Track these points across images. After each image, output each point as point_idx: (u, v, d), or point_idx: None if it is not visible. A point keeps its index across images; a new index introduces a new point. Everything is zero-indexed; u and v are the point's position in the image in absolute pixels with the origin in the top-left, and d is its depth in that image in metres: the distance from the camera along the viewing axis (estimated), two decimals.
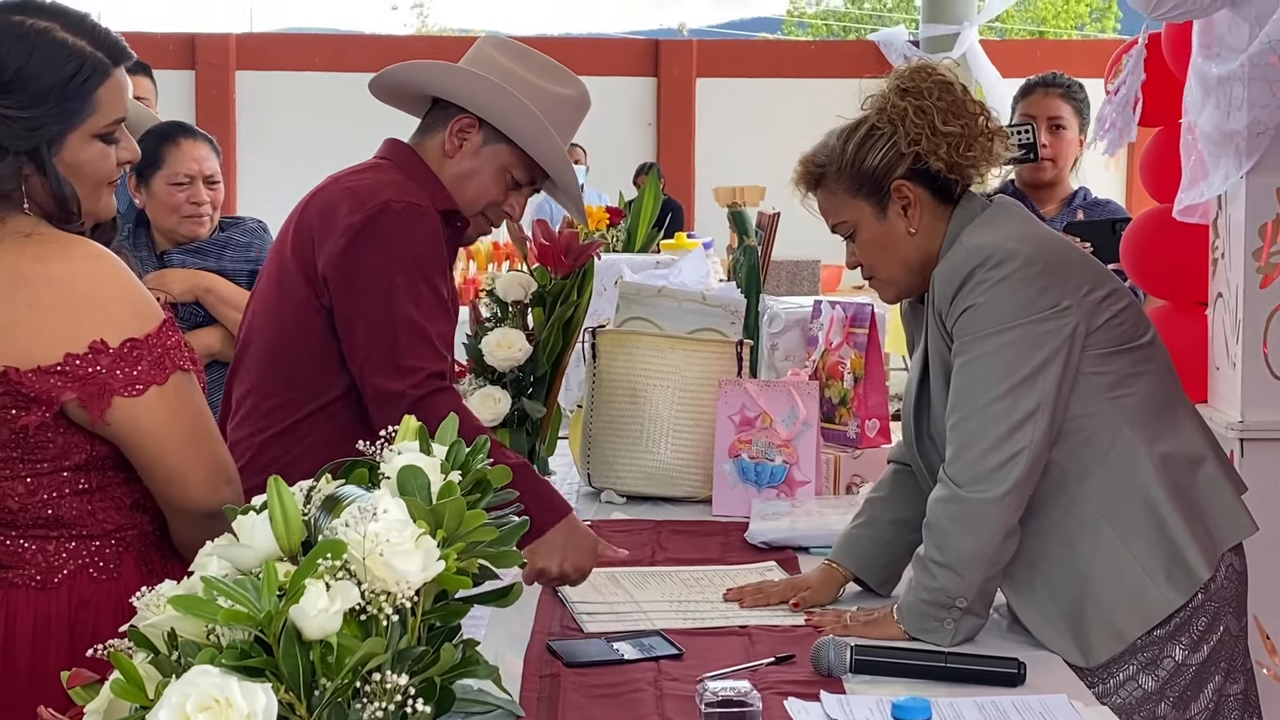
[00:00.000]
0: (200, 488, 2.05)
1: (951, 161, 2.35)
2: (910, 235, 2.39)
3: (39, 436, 1.97)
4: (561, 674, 2.21)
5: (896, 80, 2.38)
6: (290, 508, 1.45)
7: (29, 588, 2.03)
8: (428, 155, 2.63)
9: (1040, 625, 2.34)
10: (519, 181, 2.64)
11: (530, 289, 3.28)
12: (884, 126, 2.37)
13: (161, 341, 2.00)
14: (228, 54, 14.10)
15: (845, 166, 2.40)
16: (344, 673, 1.29)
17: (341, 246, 2.49)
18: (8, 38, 1.96)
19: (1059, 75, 4.29)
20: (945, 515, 2.29)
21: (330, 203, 2.56)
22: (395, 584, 1.33)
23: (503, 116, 2.57)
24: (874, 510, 2.63)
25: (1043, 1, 34.05)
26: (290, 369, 2.57)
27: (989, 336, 2.28)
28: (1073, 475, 2.33)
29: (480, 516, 1.48)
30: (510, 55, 2.65)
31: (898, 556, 2.60)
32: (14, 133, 1.95)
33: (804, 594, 2.54)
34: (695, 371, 3.38)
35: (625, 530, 3.12)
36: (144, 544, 2.11)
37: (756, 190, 4.81)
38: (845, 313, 3.49)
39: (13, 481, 2.00)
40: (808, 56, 14.88)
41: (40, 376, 1.93)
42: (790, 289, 7.53)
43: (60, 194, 1.99)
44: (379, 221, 2.47)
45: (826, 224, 2.49)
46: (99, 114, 2.02)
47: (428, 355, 2.48)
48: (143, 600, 1.44)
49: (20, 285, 1.95)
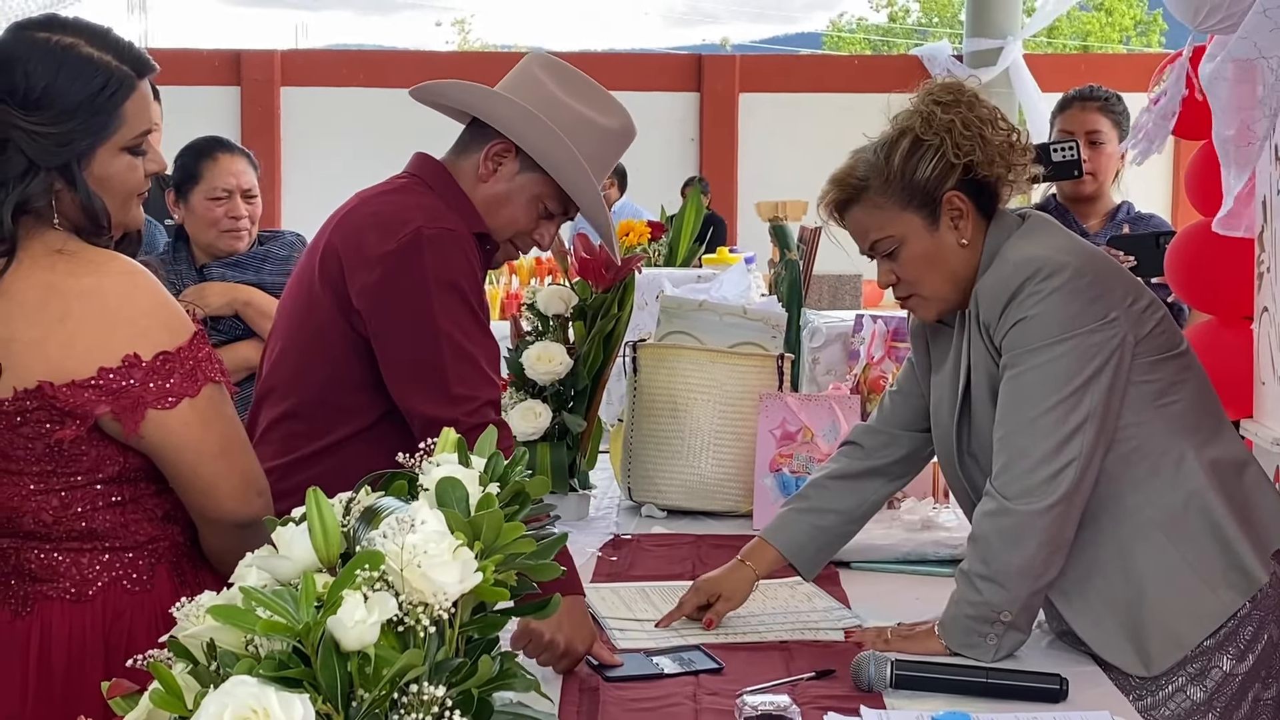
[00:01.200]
0: (233, 498, 2.06)
1: (999, 172, 2.34)
2: (961, 247, 2.37)
3: (73, 450, 1.99)
4: (601, 687, 2.21)
5: (931, 95, 2.36)
6: (329, 519, 1.45)
7: (64, 600, 2.05)
8: (460, 174, 2.57)
9: (1097, 637, 2.32)
10: (551, 212, 2.59)
11: (571, 303, 3.28)
12: (931, 138, 2.34)
13: (193, 354, 2.01)
14: (273, 70, 14.21)
15: (894, 179, 2.36)
16: (382, 684, 1.29)
17: (377, 277, 2.43)
18: (35, 54, 1.98)
19: (1096, 88, 4.25)
20: (992, 528, 2.28)
21: (358, 229, 2.50)
22: (433, 595, 1.33)
23: (540, 149, 2.52)
24: (819, 497, 2.63)
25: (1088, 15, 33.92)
26: (321, 394, 2.52)
27: (1041, 349, 2.27)
28: (1125, 484, 2.32)
29: (518, 528, 1.48)
30: (557, 79, 2.59)
31: (830, 545, 2.63)
32: (44, 148, 1.96)
33: (718, 605, 2.51)
34: (736, 385, 3.37)
35: (666, 544, 3.12)
36: (176, 555, 2.12)
37: (799, 205, 4.79)
38: (887, 326, 3.47)
39: (47, 495, 2.02)
40: (850, 71, 14.88)
41: (74, 390, 1.95)
42: (832, 303, 7.50)
43: (90, 208, 2.00)
44: (413, 249, 2.42)
45: (862, 242, 2.44)
46: (126, 127, 2.03)
47: (479, 382, 2.42)
48: (182, 611, 1.45)
49: (53, 300, 1.96)
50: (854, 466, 2.63)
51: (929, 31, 32.44)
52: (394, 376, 2.46)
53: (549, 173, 2.53)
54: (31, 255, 1.98)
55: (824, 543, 2.61)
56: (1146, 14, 36.12)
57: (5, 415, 1.97)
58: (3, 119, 1.96)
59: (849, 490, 2.62)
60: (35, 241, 1.99)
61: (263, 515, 2.03)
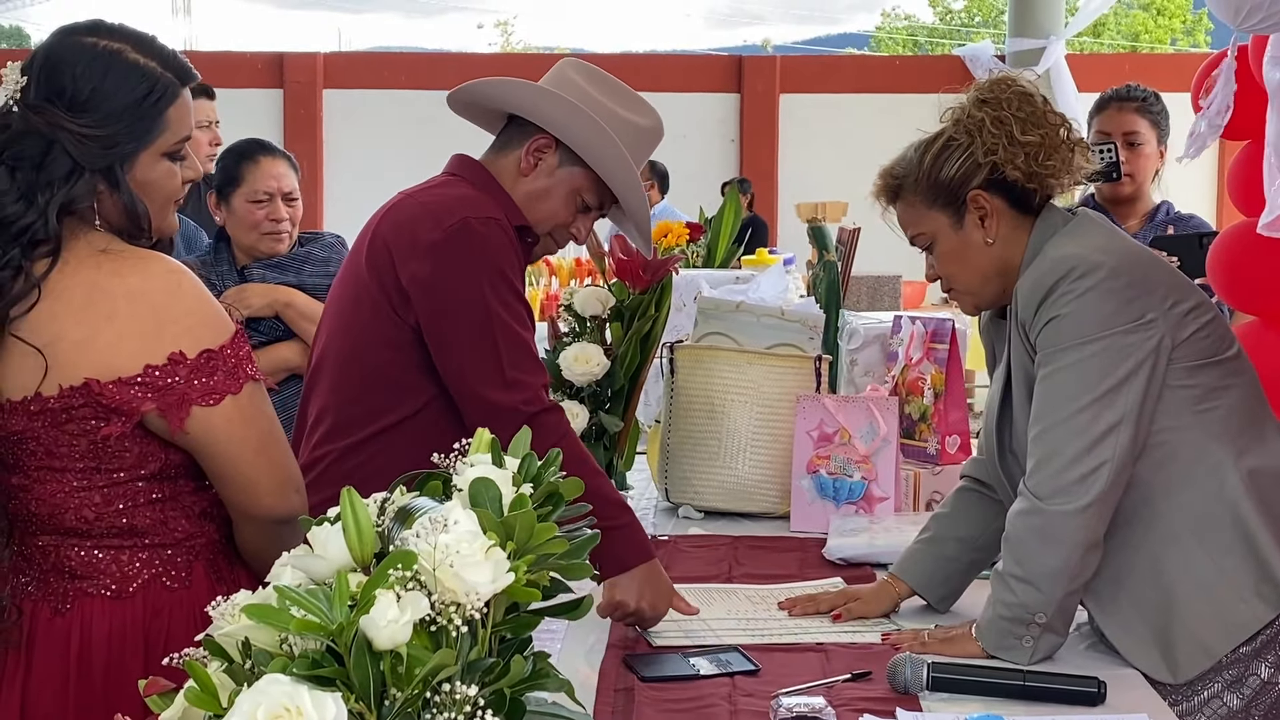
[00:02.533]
0: (271, 495, 2.09)
1: (1029, 171, 2.33)
2: (987, 246, 2.38)
3: (117, 446, 2.02)
4: (636, 688, 2.21)
5: (976, 91, 2.38)
6: (363, 519, 1.46)
7: (104, 598, 2.07)
8: (500, 172, 2.62)
9: (1126, 641, 2.31)
10: (589, 205, 2.64)
11: (608, 304, 3.29)
12: (960, 137, 2.36)
13: (235, 352, 2.05)
14: (315, 73, 14.28)
15: (922, 178, 2.40)
16: (414, 683, 1.29)
17: (428, 266, 2.48)
18: (83, 59, 2.02)
19: (1134, 88, 4.20)
20: (1026, 528, 2.27)
21: (406, 220, 2.55)
22: (465, 595, 1.33)
23: (581, 140, 2.57)
24: (939, 527, 2.62)
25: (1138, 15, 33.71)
26: (368, 384, 2.57)
27: (1073, 348, 2.25)
28: (1159, 489, 2.30)
29: (551, 529, 1.48)
30: (590, 80, 2.65)
31: (959, 574, 2.59)
32: (90, 151, 2.00)
33: (852, 605, 2.54)
34: (773, 387, 3.37)
35: (702, 545, 3.12)
36: (212, 552, 2.15)
37: (838, 205, 4.78)
38: (926, 328, 3.46)
39: (89, 492, 2.05)
40: (891, 72, 14.82)
41: (120, 388, 1.98)
42: (871, 304, 7.49)
43: (133, 210, 2.04)
44: (462, 237, 2.47)
45: (905, 236, 2.48)
46: (169, 133, 2.07)
47: (532, 368, 2.50)
48: (218, 610, 1.46)
49: (99, 299, 1.99)
50: (970, 496, 2.62)
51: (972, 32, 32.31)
52: (450, 363, 2.51)
53: (591, 165, 2.59)
54: (76, 255, 2.01)
55: (951, 572, 2.59)
56: (1192, 14, 35.86)
57: (51, 413, 2.00)
58: (50, 120, 1.99)
59: (968, 519, 2.59)
60: (79, 242, 2.02)
61: (300, 512, 2.08)
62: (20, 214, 1.98)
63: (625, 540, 2.44)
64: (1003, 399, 2.43)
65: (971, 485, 2.61)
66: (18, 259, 1.98)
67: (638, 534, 2.51)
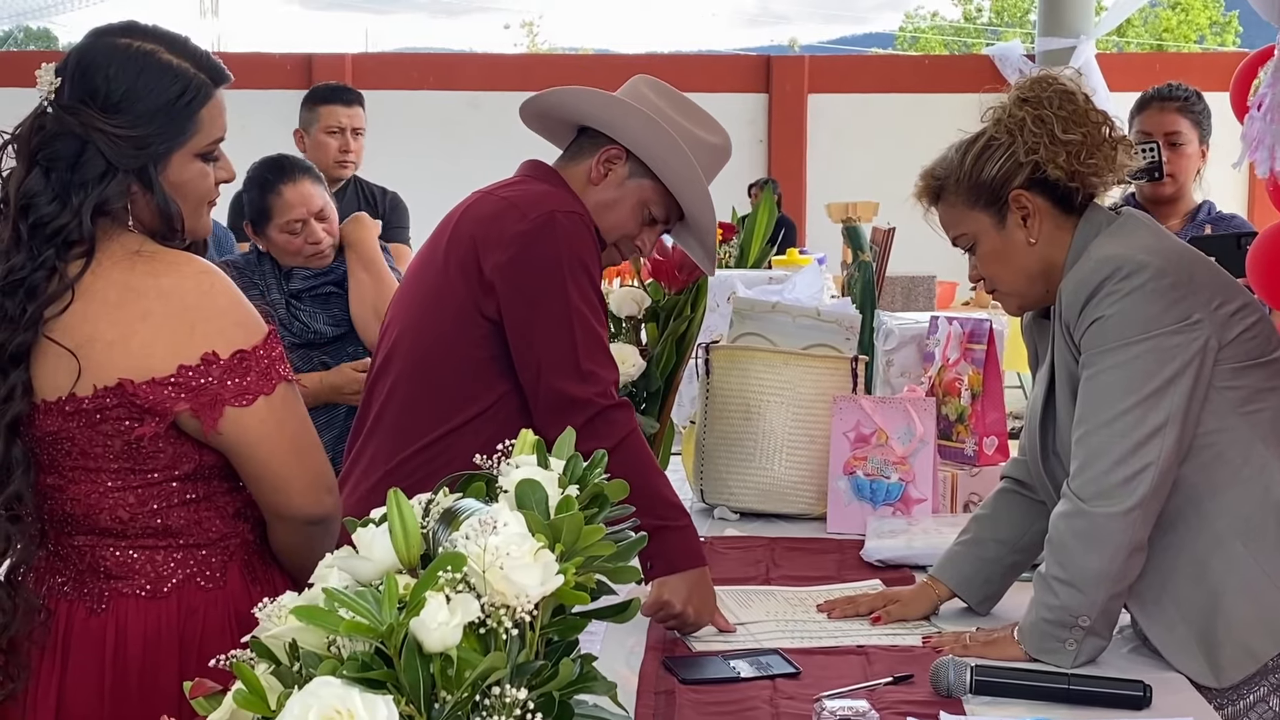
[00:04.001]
0: (304, 495, 2.10)
1: (1071, 170, 2.31)
2: (1030, 245, 2.36)
3: (151, 447, 2.02)
4: (676, 690, 2.20)
5: (1017, 90, 2.36)
6: (409, 520, 1.46)
7: (139, 597, 2.08)
8: (571, 179, 2.65)
9: (1169, 644, 2.29)
10: (655, 218, 2.67)
11: (644, 304, 3.28)
12: (1001, 136, 2.35)
13: (268, 353, 2.05)
14: (344, 74, 14.28)
15: (963, 178, 2.38)
16: (464, 686, 1.29)
17: (512, 255, 2.50)
18: (116, 59, 2.03)
19: (1175, 88, 4.16)
20: (1069, 531, 2.25)
21: (491, 214, 2.57)
22: (514, 598, 1.33)
23: (654, 152, 2.60)
24: (979, 528, 2.60)
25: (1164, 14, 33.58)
26: (439, 382, 2.57)
27: (1118, 349, 2.24)
28: (1204, 491, 2.28)
29: (598, 531, 1.47)
30: (662, 96, 2.68)
31: (999, 576, 2.57)
32: (123, 151, 2.01)
33: (892, 607, 2.53)
34: (809, 387, 3.36)
35: (739, 547, 3.10)
36: (247, 552, 2.15)
37: (870, 206, 4.76)
38: (963, 328, 3.44)
39: (124, 492, 2.05)
40: (921, 71, 14.77)
41: (154, 388, 1.98)
42: (905, 304, 7.46)
43: (166, 211, 2.05)
44: (549, 228, 2.50)
45: (948, 237, 2.47)
46: (201, 133, 2.08)
47: (606, 362, 2.51)
48: (264, 611, 1.45)
49: (133, 299, 2.00)
50: (1011, 497, 2.59)
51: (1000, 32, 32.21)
52: (526, 350, 2.51)
53: (661, 178, 2.62)
54: (110, 256, 2.02)
55: (991, 574, 2.57)
56: (1222, 14, 35.70)
57: (85, 413, 2.00)
58: (84, 121, 2.00)
59: (1008, 520, 2.57)
60: (113, 243, 2.03)
61: (332, 512, 2.11)
62: (55, 214, 1.99)
63: (679, 542, 2.45)
64: (1046, 399, 2.41)
65: (1012, 486, 2.59)
66: (52, 259, 1.99)
67: (691, 538, 2.51)
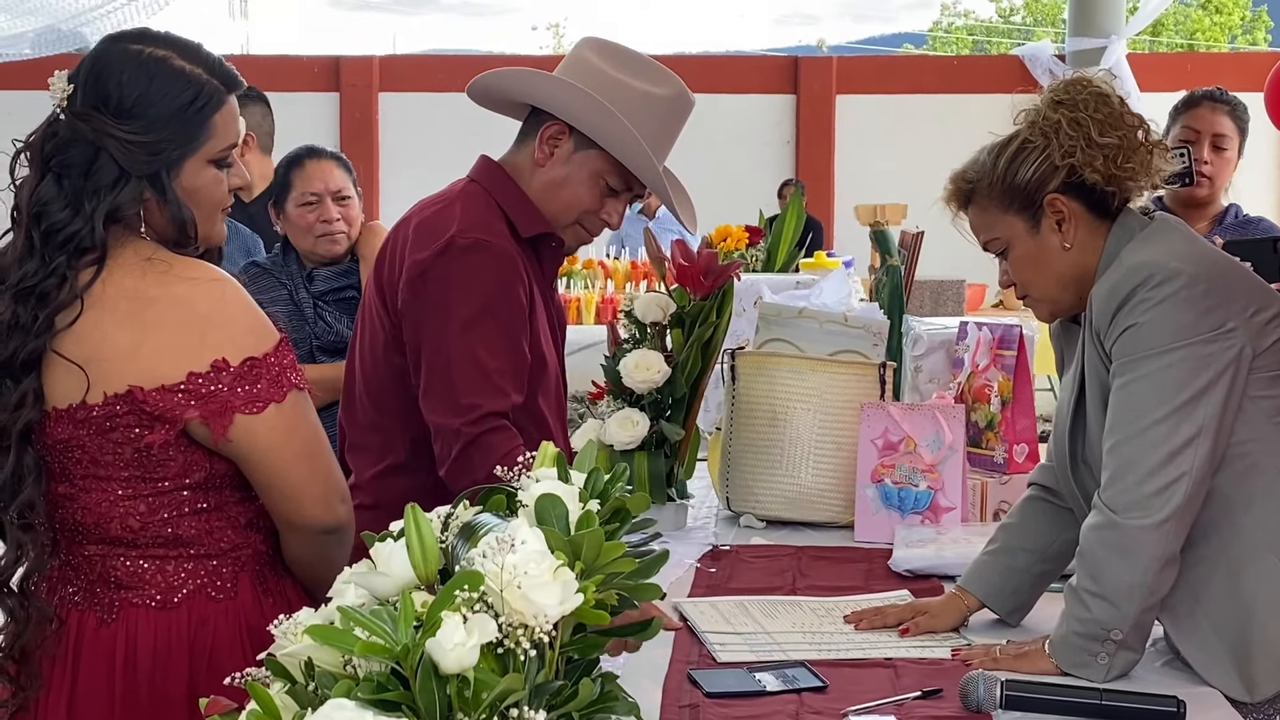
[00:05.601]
0: (317, 504, 2.09)
1: (1109, 174, 2.27)
2: (1065, 250, 2.32)
3: (161, 455, 2.02)
4: (701, 704, 2.16)
5: (1051, 93, 2.32)
6: (428, 536, 1.43)
7: (149, 608, 2.07)
8: (519, 168, 2.61)
9: (1201, 658, 2.25)
10: (614, 189, 2.61)
11: (669, 310, 3.25)
12: (1036, 140, 2.30)
13: (279, 360, 2.04)
14: (371, 76, 14.33)
15: (996, 182, 2.34)
16: (481, 708, 1.26)
17: (407, 282, 2.52)
18: (128, 65, 2.03)
19: (1224, 92, 4.12)
20: (1100, 543, 2.21)
21: (403, 240, 2.59)
22: (533, 617, 1.30)
23: (588, 120, 2.55)
24: (1007, 537, 2.56)
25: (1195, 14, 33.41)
26: (389, 404, 2.59)
27: (1150, 358, 2.19)
28: (1238, 503, 2.23)
29: (619, 547, 1.44)
30: (604, 57, 2.62)
31: (1028, 585, 2.53)
32: (135, 157, 2.01)
33: (920, 619, 2.49)
34: (837, 394, 3.32)
35: (765, 555, 3.07)
36: (258, 563, 2.14)
37: (898, 208, 4.72)
38: (993, 334, 3.40)
39: (134, 501, 2.05)
40: (950, 72, 14.71)
41: (164, 395, 1.98)
42: (934, 310, 7.40)
43: (179, 217, 2.05)
44: (443, 258, 2.49)
45: (978, 242, 2.43)
46: (215, 139, 2.08)
47: (486, 392, 2.49)
48: (280, 628, 1.43)
49: (144, 307, 2.00)
50: (1039, 505, 2.55)
51: (1030, 32, 32.08)
52: (416, 381, 2.54)
53: (601, 144, 2.56)
54: (122, 264, 2.02)
55: (1020, 584, 2.52)
56: (1251, 11, 35.49)
57: (95, 421, 2.00)
58: (97, 127, 2.00)
59: (1036, 529, 2.53)
60: (125, 250, 2.03)
61: (345, 522, 2.10)
62: (67, 221, 1.99)
63: None
64: (1075, 408, 2.37)
65: (1039, 494, 2.55)
66: (63, 267, 1.99)
67: None
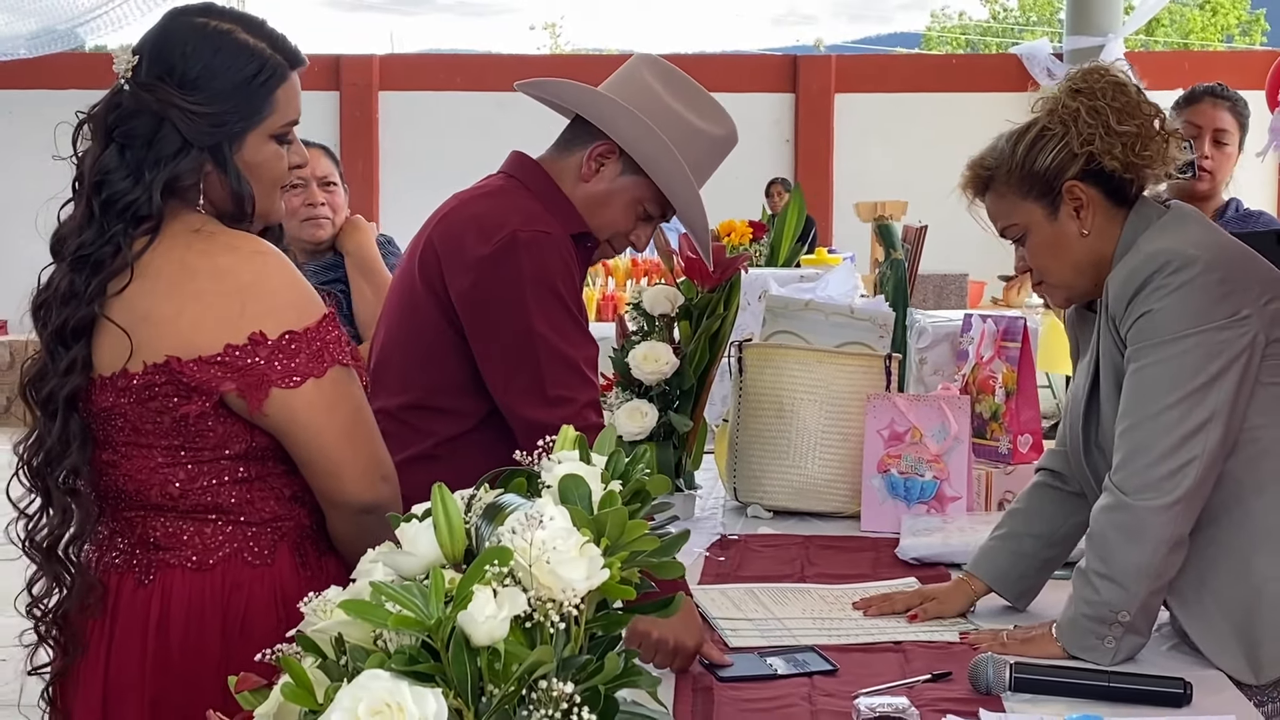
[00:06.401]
0: (357, 482, 2.07)
1: (1127, 161, 2.30)
2: (1083, 237, 2.34)
3: (199, 425, 2.01)
4: (714, 687, 2.19)
5: (1069, 82, 2.35)
6: (454, 515, 1.46)
7: (185, 569, 2.06)
8: (561, 173, 2.59)
9: (1208, 640, 2.27)
10: (650, 214, 2.62)
11: (677, 302, 3.27)
12: (1055, 127, 2.33)
13: (321, 335, 2.03)
14: (371, 75, 14.34)
15: (1015, 168, 2.36)
16: (512, 679, 1.29)
17: (472, 281, 2.46)
18: (193, 37, 2.04)
19: (1225, 88, 4.15)
20: (1110, 524, 2.23)
21: (456, 232, 2.53)
22: (561, 592, 1.33)
23: (644, 153, 2.54)
24: (1014, 523, 2.59)
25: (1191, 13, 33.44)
26: (428, 394, 2.55)
27: (1165, 344, 2.22)
28: (1249, 487, 2.26)
29: (642, 526, 1.47)
30: (663, 81, 2.60)
31: (1035, 570, 2.56)
32: (198, 128, 2.01)
33: (928, 604, 2.52)
34: (843, 385, 3.35)
35: (773, 545, 3.10)
36: (300, 536, 2.13)
37: (898, 204, 4.77)
38: (997, 326, 3.43)
39: (174, 468, 2.04)
40: (948, 70, 14.74)
41: (201, 366, 1.98)
42: (937, 303, 7.43)
43: (239, 192, 2.05)
44: (509, 252, 2.44)
45: (995, 229, 2.45)
46: (276, 114, 2.08)
47: (578, 384, 2.46)
48: (309, 605, 1.45)
49: (186, 278, 2.00)
50: (1046, 491, 2.58)
51: (1027, 30, 32.09)
52: (494, 380, 2.49)
53: (651, 177, 2.56)
54: (171, 234, 2.02)
55: (1027, 569, 2.55)
56: (1249, 12, 35.53)
57: (135, 389, 2.00)
58: (161, 97, 2.01)
59: (1043, 514, 2.56)
60: (176, 221, 2.03)
61: (388, 502, 2.05)
62: (127, 190, 2.00)
63: None
64: (1089, 393, 2.40)
65: (1047, 479, 2.58)
66: (119, 235, 2.00)
67: None
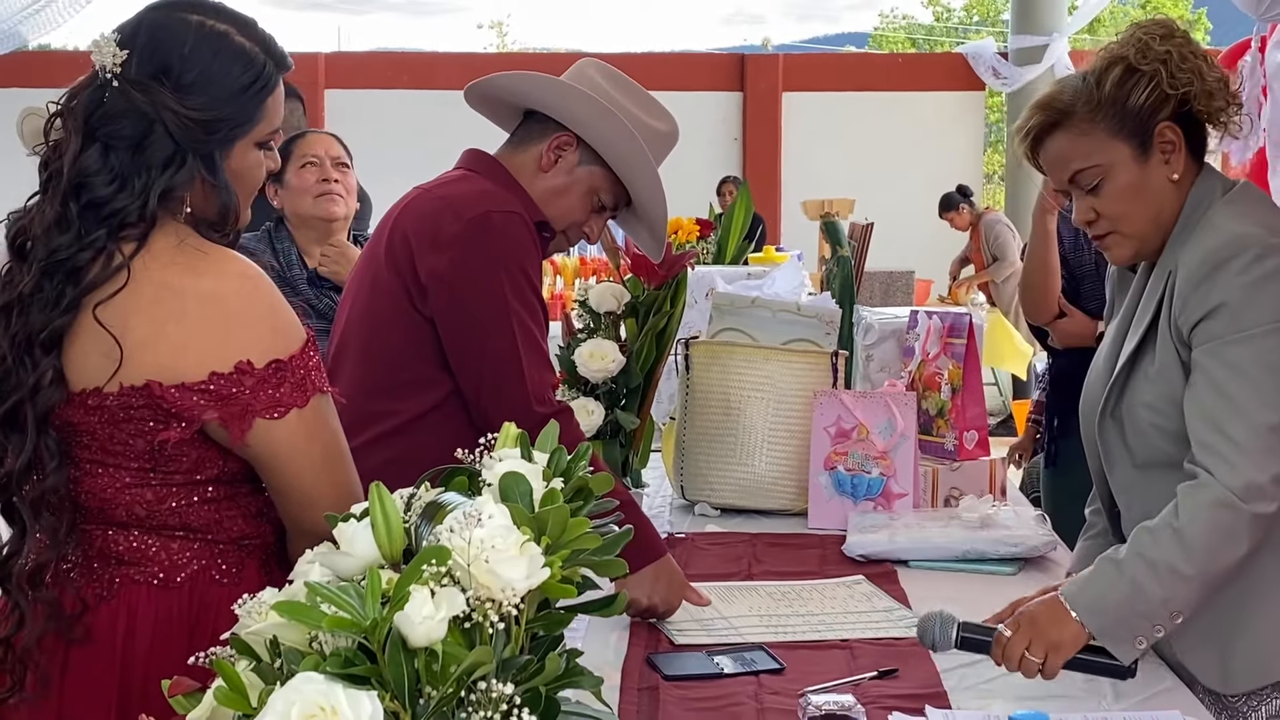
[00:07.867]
0: (330, 511, 2.01)
1: (1213, 109, 2.19)
2: (1172, 183, 2.20)
3: (174, 451, 1.93)
4: (660, 686, 2.18)
5: (1143, 29, 2.22)
6: (392, 514, 1.43)
7: (150, 585, 1.99)
8: (519, 168, 2.60)
9: (1184, 639, 2.18)
10: (604, 205, 2.63)
11: (623, 300, 3.26)
12: (1146, 66, 2.19)
13: (304, 363, 1.95)
14: (317, 73, 14.24)
15: (1104, 104, 2.20)
16: (450, 681, 1.26)
17: (448, 259, 2.46)
18: (190, 37, 1.94)
19: None
20: (1215, 525, 2.06)
21: (428, 213, 2.53)
22: (500, 591, 1.30)
23: (606, 140, 2.56)
24: (1099, 521, 2.45)
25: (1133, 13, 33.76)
26: (389, 375, 2.55)
27: (1259, 337, 2.08)
28: None
29: (584, 524, 1.45)
30: (610, 81, 2.63)
31: None
32: (193, 135, 1.92)
33: None
34: (790, 383, 3.34)
35: (720, 543, 3.09)
36: (266, 553, 2.06)
37: (846, 202, 4.75)
38: (943, 322, 3.43)
39: (142, 489, 1.96)
40: (894, 70, 14.77)
41: (183, 393, 1.88)
42: (884, 300, 7.46)
43: (225, 202, 1.96)
44: (483, 230, 2.46)
45: (1061, 173, 2.26)
46: (265, 122, 2.00)
47: (545, 365, 2.50)
48: (244, 607, 1.42)
49: (169, 298, 1.89)
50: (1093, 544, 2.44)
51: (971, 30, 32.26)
52: (465, 357, 2.49)
53: (613, 166, 2.58)
54: (153, 249, 1.91)
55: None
56: (1191, 11, 35.87)
57: (108, 410, 1.90)
58: (155, 100, 1.90)
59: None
60: (158, 233, 1.92)
61: None
62: (112, 196, 1.89)
63: (633, 542, 2.40)
64: (1125, 359, 2.25)
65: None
66: (102, 240, 1.89)
67: (646, 533, 2.49)
